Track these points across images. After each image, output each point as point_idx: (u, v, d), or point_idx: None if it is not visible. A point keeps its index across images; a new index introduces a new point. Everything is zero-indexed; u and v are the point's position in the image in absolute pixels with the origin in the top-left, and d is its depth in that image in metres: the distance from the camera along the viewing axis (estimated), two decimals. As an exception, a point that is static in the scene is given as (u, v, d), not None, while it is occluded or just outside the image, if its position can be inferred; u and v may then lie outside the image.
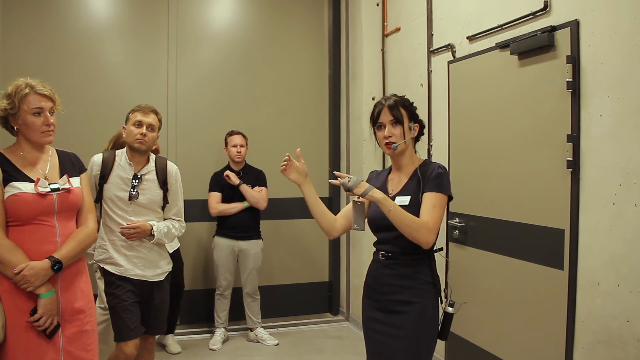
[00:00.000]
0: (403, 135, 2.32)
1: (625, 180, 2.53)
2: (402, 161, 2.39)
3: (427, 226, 2.17)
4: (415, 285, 2.29)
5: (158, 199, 3.02)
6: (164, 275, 3.06)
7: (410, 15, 4.50)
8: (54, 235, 2.33)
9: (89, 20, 4.80)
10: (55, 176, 2.40)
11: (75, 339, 2.36)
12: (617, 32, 2.57)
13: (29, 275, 2.19)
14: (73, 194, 2.41)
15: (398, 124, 2.31)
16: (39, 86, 2.33)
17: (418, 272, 2.30)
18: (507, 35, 3.31)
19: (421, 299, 2.28)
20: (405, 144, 2.33)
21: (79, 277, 2.45)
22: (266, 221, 4.98)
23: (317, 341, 4.81)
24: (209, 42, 5.16)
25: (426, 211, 2.21)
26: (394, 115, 2.32)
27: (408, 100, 2.40)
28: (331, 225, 2.48)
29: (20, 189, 2.26)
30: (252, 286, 4.72)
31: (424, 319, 2.28)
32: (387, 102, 2.35)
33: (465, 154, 3.74)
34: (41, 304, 2.23)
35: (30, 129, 2.32)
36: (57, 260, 2.27)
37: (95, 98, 4.68)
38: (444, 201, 2.26)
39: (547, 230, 2.98)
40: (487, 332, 3.51)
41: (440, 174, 2.26)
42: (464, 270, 3.73)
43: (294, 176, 2.48)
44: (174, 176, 3.11)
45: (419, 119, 2.42)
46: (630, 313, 2.49)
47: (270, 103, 5.33)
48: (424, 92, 4.22)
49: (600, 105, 2.66)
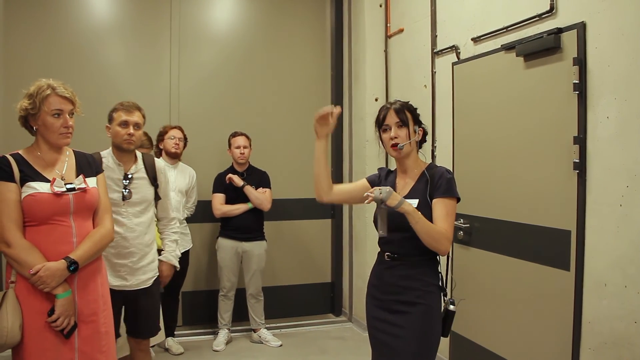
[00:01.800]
0: (408, 137, 2.37)
1: (632, 182, 2.54)
2: (407, 164, 2.45)
3: (447, 236, 2.24)
4: (420, 287, 2.32)
5: (150, 196, 3.04)
6: (151, 281, 3.04)
7: (414, 16, 4.50)
8: (70, 235, 2.33)
9: (91, 21, 4.80)
10: (72, 176, 2.41)
11: (91, 340, 2.36)
12: (624, 34, 2.58)
13: (45, 276, 2.19)
14: (89, 193, 2.41)
15: (404, 126, 2.37)
16: (61, 88, 2.35)
17: (423, 274, 2.34)
18: (512, 37, 3.31)
19: (426, 300, 2.31)
20: (410, 145, 2.38)
21: (95, 277, 2.45)
22: (269, 222, 4.98)
23: (320, 342, 4.82)
24: (211, 43, 5.16)
25: (441, 220, 2.26)
26: (400, 117, 2.37)
27: (412, 106, 2.47)
28: (326, 189, 2.50)
29: (37, 189, 2.26)
30: (256, 287, 4.72)
31: (428, 321, 2.32)
32: (392, 105, 2.42)
33: (470, 155, 3.74)
34: (58, 304, 2.23)
35: (49, 130, 2.33)
36: (73, 261, 2.27)
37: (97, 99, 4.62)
38: (454, 206, 2.34)
39: (554, 231, 2.99)
40: (492, 333, 3.52)
41: (449, 179, 2.33)
42: (468, 271, 3.74)
43: (324, 130, 2.43)
44: (163, 172, 3.15)
45: (422, 124, 2.48)
46: (637, 314, 2.50)
47: (273, 104, 5.33)
48: (427, 94, 4.23)
49: (607, 107, 2.67)
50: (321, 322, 5.37)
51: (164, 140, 4.47)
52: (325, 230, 5.58)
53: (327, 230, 5.59)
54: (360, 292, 5.14)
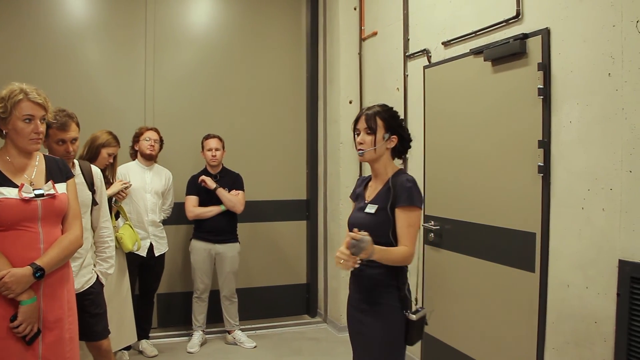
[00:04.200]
0: (374, 144, 2.42)
1: (593, 186, 2.60)
2: (376, 169, 2.50)
3: (409, 252, 2.31)
4: (380, 288, 2.40)
5: (87, 201, 3.00)
6: (92, 282, 2.97)
7: (386, 19, 4.54)
8: (38, 241, 2.30)
9: (66, 22, 4.75)
10: (41, 182, 2.38)
11: (55, 347, 2.33)
12: (586, 41, 2.63)
13: (10, 282, 2.16)
14: (58, 200, 2.38)
15: (371, 133, 2.42)
16: (34, 93, 2.32)
17: (383, 275, 2.39)
18: (481, 41, 3.36)
19: (384, 300, 2.39)
20: (375, 152, 2.43)
21: (63, 284, 2.43)
22: (244, 224, 4.99)
23: (295, 343, 4.83)
24: (186, 45, 5.14)
25: (403, 232, 2.33)
26: (368, 124, 2.43)
27: (390, 112, 2.49)
28: None
29: (4, 194, 2.24)
30: (230, 289, 4.72)
31: (385, 321, 2.39)
32: (367, 111, 2.48)
33: (440, 158, 3.79)
34: (21, 311, 2.20)
35: (19, 135, 2.31)
36: (40, 268, 2.25)
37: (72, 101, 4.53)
38: (417, 215, 2.37)
39: (519, 233, 3.04)
40: (462, 334, 3.57)
41: (409, 187, 2.36)
42: (439, 272, 3.79)
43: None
44: (99, 178, 3.14)
45: (400, 132, 2.49)
46: (597, 314, 2.56)
47: (248, 106, 5.32)
48: (400, 97, 4.26)
49: (569, 112, 2.73)
50: (296, 323, 5.37)
51: (140, 141, 4.45)
52: (300, 232, 5.59)
53: (302, 231, 5.60)
54: (335, 293, 5.17)
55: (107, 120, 4.46)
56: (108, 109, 4.81)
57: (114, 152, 3.81)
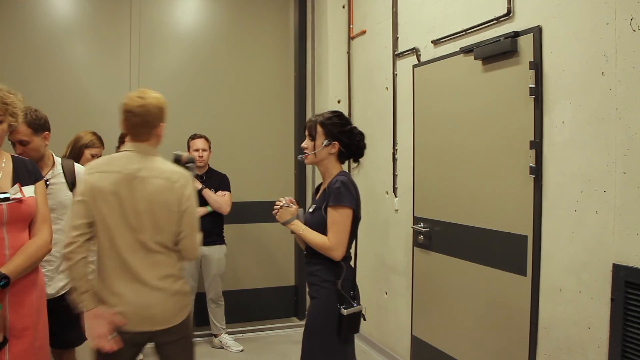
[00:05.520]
0: (314, 149, 2.60)
1: (586, 187, 2.53)
2: (322, 172, 2.68)
3: (328, 245, 2.49)
4: (317, 282, 2.58)
5: (67, 201, 2.88)
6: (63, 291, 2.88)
7: (375, 18, 4.47)
8: (3, 247, 2.18)
9: (51, 22, 4.66)
10: (7, 185, 2.25)
11: (24, 355, 2.22)
12: (578, 39, 2.57)
13: None
14: (25, 204, 2.27)
15: (311, 140, 2.62)
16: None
17: (319, 271, 2.57)
18: (471, 40, 3.30)
19: (319, 294, 2.56)
20: (315, 156, 2.61)
21: (31, 291, 2.30)
22: (231, 225, 4.91)
23: (282, 347, 4.75)
24: (172, 44, 5.05)
25: (328, 230, 2.51)
26: (309, 132, 2.64)
27: (332, 120, 2.61)
28: None
29: None
30: (216, 292, 4.63)
31: (319, 313, 2.56)
32: (311, 119, 2.67)
33: (430, 158, 3.72)
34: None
35: None
36: (4, 276, 2.12)
37: (56, 101, 4.53)
38: (343, 214, 2.50)
39: (511, 236, 2.98)
40: (452, 337, 3.50)
41: (337, 187, 2.50)
42: (428, 275, 3.72)
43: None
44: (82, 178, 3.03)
45: (342, 138, 2.60)
46: (590, 319, 2.50)
47: (235, 106, 5.24)
48: (389, 96, 4.20)
49: (561, 112, 2.67)
50: (284, 326, 5.29)
51: (125, 142, 4.34)
52: (288, 233, 5.40)
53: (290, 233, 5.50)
54: (323, 295, 5.10)
55: (92, 120, 4.38)
56: (93, 109, 4.71)
57: (98, 153, 3.71)
